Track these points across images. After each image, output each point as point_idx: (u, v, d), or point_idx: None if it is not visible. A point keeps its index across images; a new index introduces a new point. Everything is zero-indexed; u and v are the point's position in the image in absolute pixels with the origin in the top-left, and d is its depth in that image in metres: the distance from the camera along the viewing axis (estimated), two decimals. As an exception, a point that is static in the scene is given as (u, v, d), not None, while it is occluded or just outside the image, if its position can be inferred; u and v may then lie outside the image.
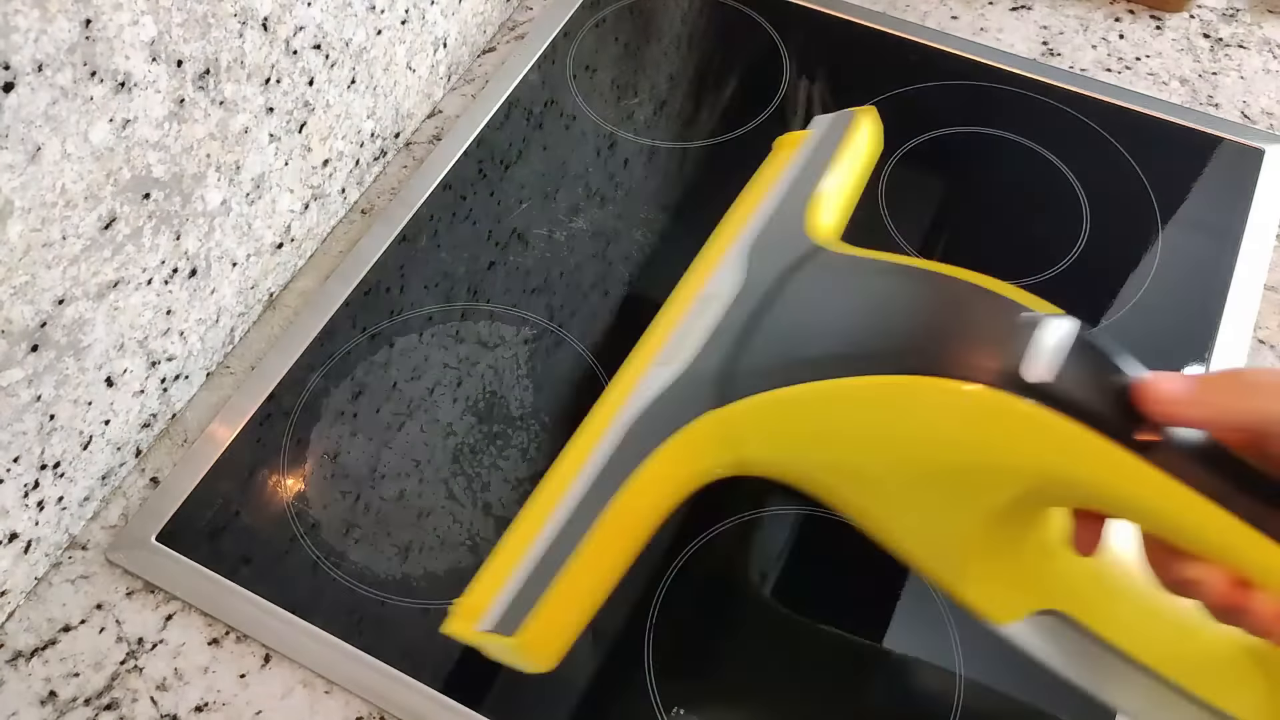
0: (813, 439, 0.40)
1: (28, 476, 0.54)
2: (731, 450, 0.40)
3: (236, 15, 0.56)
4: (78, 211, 0.51)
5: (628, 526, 0.40)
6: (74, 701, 0.54)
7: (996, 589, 0.41)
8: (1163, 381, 0.35)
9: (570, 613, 0.39)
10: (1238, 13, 0.84)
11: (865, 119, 0.50)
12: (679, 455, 0.40)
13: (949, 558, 0.40)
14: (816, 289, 0.41)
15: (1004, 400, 0.35)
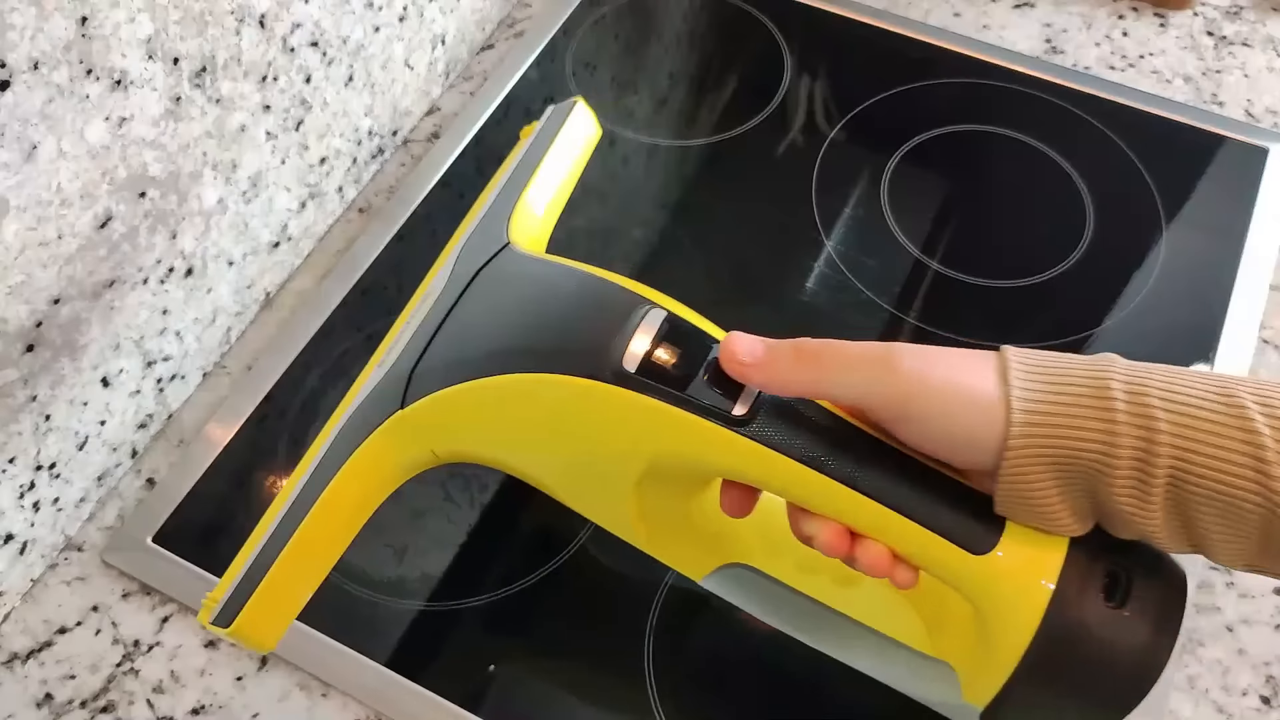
0: (479, 433, 0.44)
1: (23, 477, 0.54)
2: (419, 446, 0.44)
3: (233, 13, 0.56)
4: (74, 210, 0.51)
5: (330, 523, 0.44)
6: (70, 704, 0.54)
7: (684, 549, 0.46)
8: (739, 342, 0.38)
9: (279, 603, 0.43)
10: (1242, 10, 0.83)
11: (574, 113, 0.53)
12: (373, 455, 0.44)
13: (629, 525, 0.44)
14: (495, 291, 0.45)
15: (608, 391, 0.39)
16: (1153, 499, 0.34)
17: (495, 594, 0.57)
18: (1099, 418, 0.34)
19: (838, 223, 0.72)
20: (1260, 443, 0.32)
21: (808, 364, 0.38)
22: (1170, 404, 0.33)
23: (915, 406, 0.36)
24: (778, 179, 0.74)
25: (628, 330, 0.40)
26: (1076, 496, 0.35)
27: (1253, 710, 0.54)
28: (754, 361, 0.38)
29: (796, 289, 0.68)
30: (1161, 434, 0.33)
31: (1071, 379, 0.35)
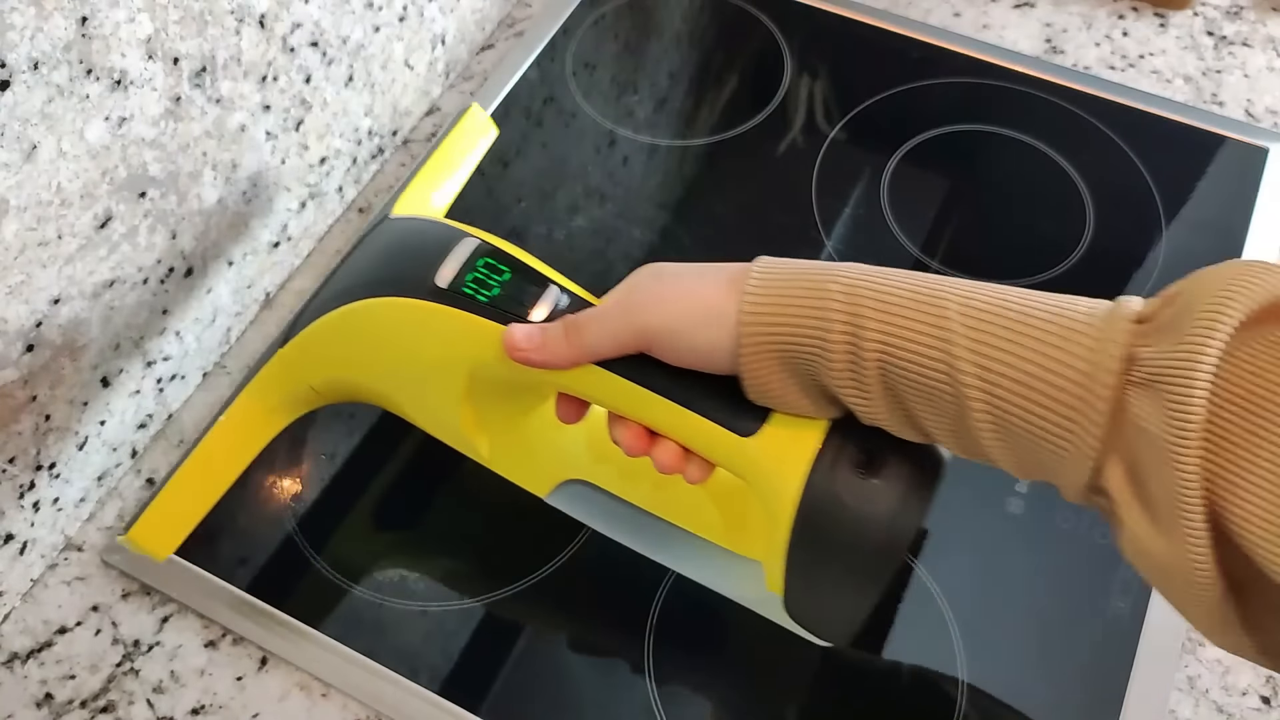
0: (337, 360, 0.51)
1: (23, 478, 0.54)
2: (296, 380, 0.52)
3: (233, 12, 0.56)
4: (73, 210, 0.51)
5: (220, 449, 0.52)
6: (70, 704, 0.54)
7: (526, 466, 0.52)
8: (516, 332, 0.44)
9: (174, 514, 0.51)
10: (1242, 10, 0.83)
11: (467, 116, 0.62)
12: (260, 389, 0.52)
13: (470, 440, 0.50)
14: (365, 248, 0.51)
15: (424, 306, 0.46)
16: (868, 387, 0.38)
17: (495, 594, 0.57)
18: (815, 315, 0.38)
19: (838, 222, 0.72)
20: (950, 337, 0.36)
21: (573, 341, 0.43)
22: (879, 301, 0.37)
23: (666, 342, 0.41)
24: (778, 179, 0.74)
25: (444, 255, 0.47)
26: (808, 386, 0.40)
27: (1253, 710, 0.54)
28: (532, 347, 0.44)
29: (796, 289, 0.68)
30: (869, 329, 0.37)
31: (799, 282, 0.39)
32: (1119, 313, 0.36)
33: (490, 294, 0.46)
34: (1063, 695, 0.54)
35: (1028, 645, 0.55)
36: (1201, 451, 0.33)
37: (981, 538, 0.58)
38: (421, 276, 0.47)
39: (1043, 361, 0.35)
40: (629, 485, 0.51)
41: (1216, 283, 0.35)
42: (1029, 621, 0.56)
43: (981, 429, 0.37)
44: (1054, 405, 0.35)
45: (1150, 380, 0.34)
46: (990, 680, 0.54)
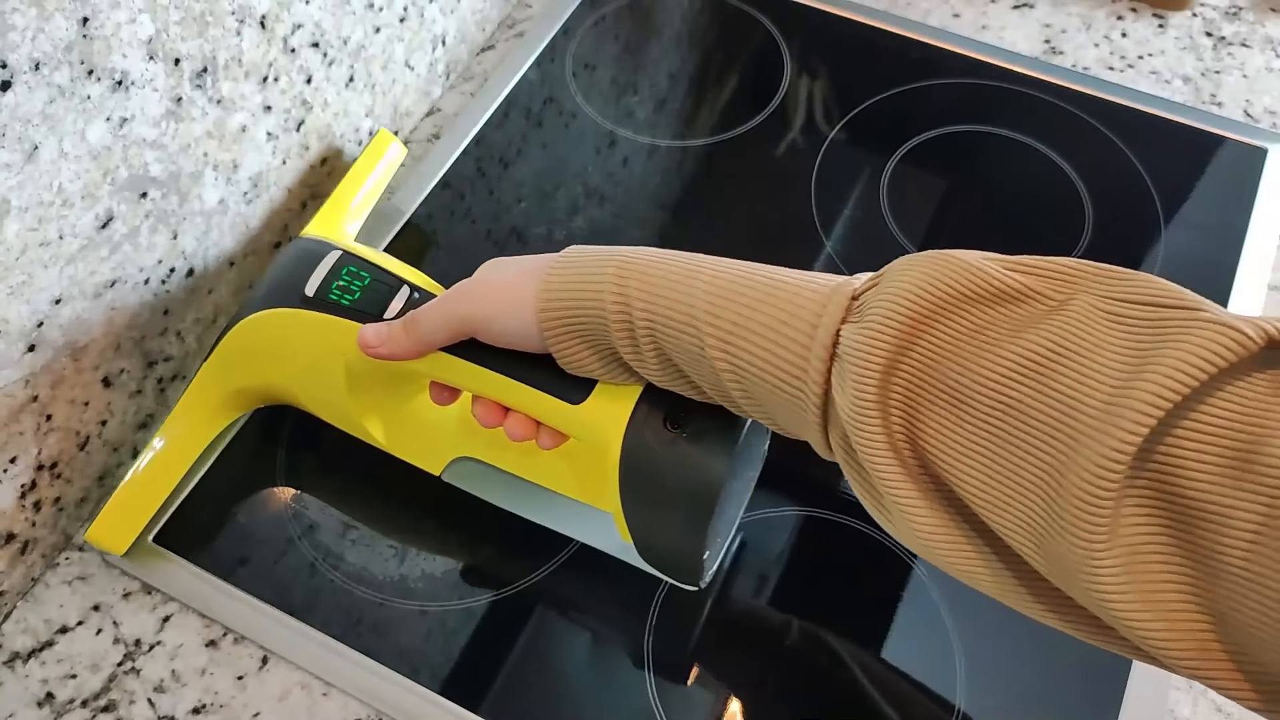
0: (249, 366, 0.57)
1: (25, 477, 0.54)
2: (222, 385, 0.58)
3: (234, 13, 0.56)
4: (75, 210, 0.51)
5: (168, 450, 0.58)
6: (71, 703, 0.54)
7: (418, 448, 0.57)
8: (365, 332, 0.50)
9: (125, 511, 0.57)
10: (1240, 11, 0.84)
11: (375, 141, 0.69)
12: (194, 397, 0.58)
13: (364, 428, 0.56)
14: (270, 267, 0.57)
15: (296, 314, 0.53)
16: (645, 354, 0.44)
17: (495, 594, 0.57)
18: (595, 295, 0.44)
19: (837, 223, 0.72)
20: (695, 310, 0.41)
21: (411, 333, 0.49)
22: (643, 279, 0.43)
23: (483, 330, 0.47)
24: (777, 179, 0.74)
25: (312, 268, 0.54)
26: (606, 357, 0.45)
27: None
28: (379, 343, 0.50)
29: (796, 289, 0.68)
30: (636, 304, 0.43)
31: (586, 267, 0.45)
32: (842, 290, 0.39)
33: (352, 298, 0.53)
34: (1062, 693, 0.54)
35: (1027, 645, 0.55)
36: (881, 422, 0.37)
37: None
38: (294, 288, 0.54)
39: (771, 335, 0.40)
40: (502, 456, 0.56)
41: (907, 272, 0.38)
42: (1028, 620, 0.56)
43: (732, 391, 0.42)
44: (782, 375, 0.40)
45: (842, 356, 0.38)
46: (989, 679, 0.54)
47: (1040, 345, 0.35)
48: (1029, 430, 0.35)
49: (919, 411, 0.37)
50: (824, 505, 0.55)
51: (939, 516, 0.37)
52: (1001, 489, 0.35)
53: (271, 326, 0.54)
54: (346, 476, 0.61)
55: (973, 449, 0.36)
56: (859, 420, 0.37)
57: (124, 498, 0.57)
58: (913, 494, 0.37)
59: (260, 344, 0.56)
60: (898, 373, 0.37)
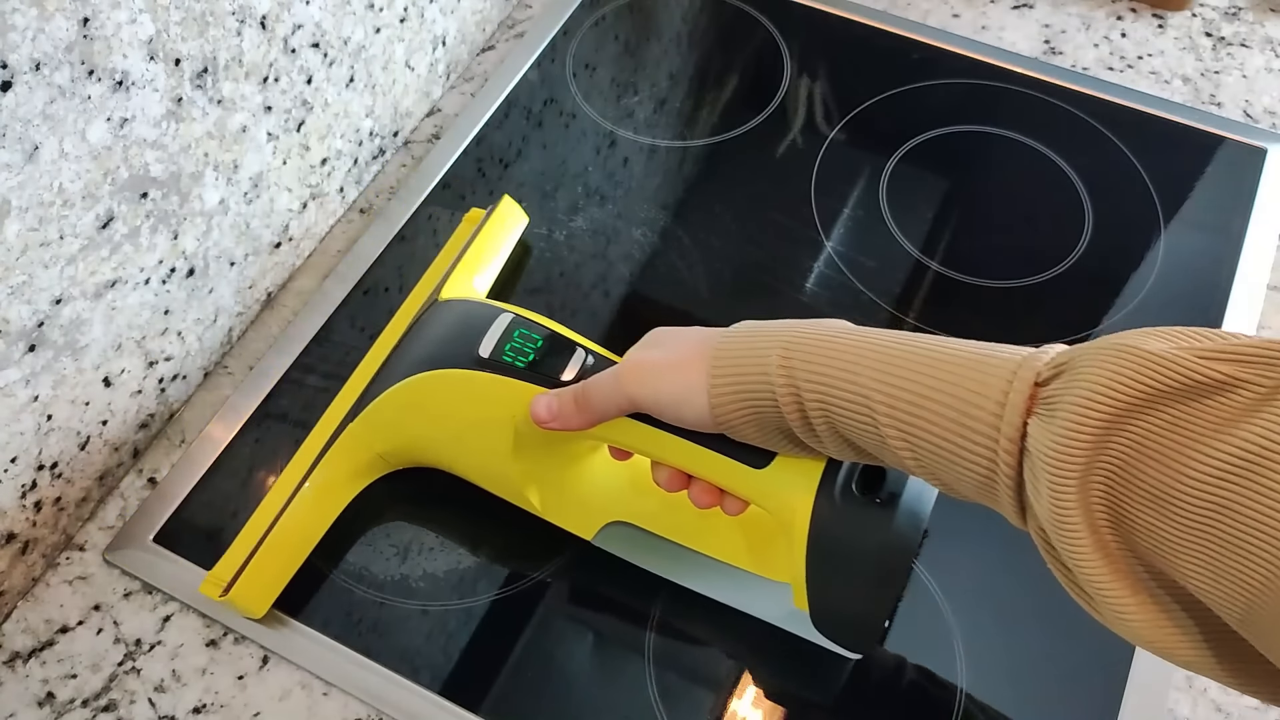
0: (402, 428, 0.57)
1: (25, 477, 0.54)
2: (367, 449, 0.57)
3: (235, 14, 0.56)
4: (75, 211, 0.51)
5: (305, 516, 0.56)
6: (72, 703, 0.54)
7: (573, 513, 0.56)
8: (537, 404, 0.50)
9: (267, 576, 0.55)
10: (1240, 11, 0.84)
11: (504, 205, 0.69)
12: (334, 461, 0.57)
13: (522, 493, 0.56)
14: (419, 329, 0.59)
15: (471, 375, 0.53)
16: (821, 434, 0.43)
17: (496, 594, 0.57)
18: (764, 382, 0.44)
19: (837, 223, 0.72)
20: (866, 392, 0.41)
21: (582, 408, 0.49)
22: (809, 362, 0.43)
23: (656, 410, 0.48)
24: (777, 179, 0.74)
25: (484, 329, 0.54)
26: (780, 434, 0.45)
27: (1251, 709, 0.54)
28: (550, 416, 0.50)
29: (796, 289, 0.68)
30: (806, 387, 0.43)
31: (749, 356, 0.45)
32: (1023, 375, 0.38)
33: (526, 360, 0.53)
34: (1062, 693, 0.54)
35: (1027, 644, 0.55)
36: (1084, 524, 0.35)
37: (982, 537, 0.58)
38: (467, 349, 0.54)
39: (951, 422, 0.39)
40: (662, 522, 0.56)
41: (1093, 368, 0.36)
42: (1029, 620, 0.56)
43: (911, 468, 0.41)
44: (967, 463, 0.39)
45: (1033, 454, 0.37)
46: (989, 678, 0.54)
47: (1253, 441, 0.32)
48: (1249, 532, 0.32)
49: (1123, 511, 0.35)
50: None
51: (1149, 609, 0.36)
52: (1225, 585, 0.33)
53: (442, 386, 0.54)
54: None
55: (1189, 548, 0.33)
56: (1060, 524, 0.36)
57: (264, 562, 0.55)
58: (1122, 591, 0.36)
59: (424, 404, 0.55)
60: (1095, 474, 0.35)
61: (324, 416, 0.60)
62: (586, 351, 0.53)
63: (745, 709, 0.54)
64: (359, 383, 0.59)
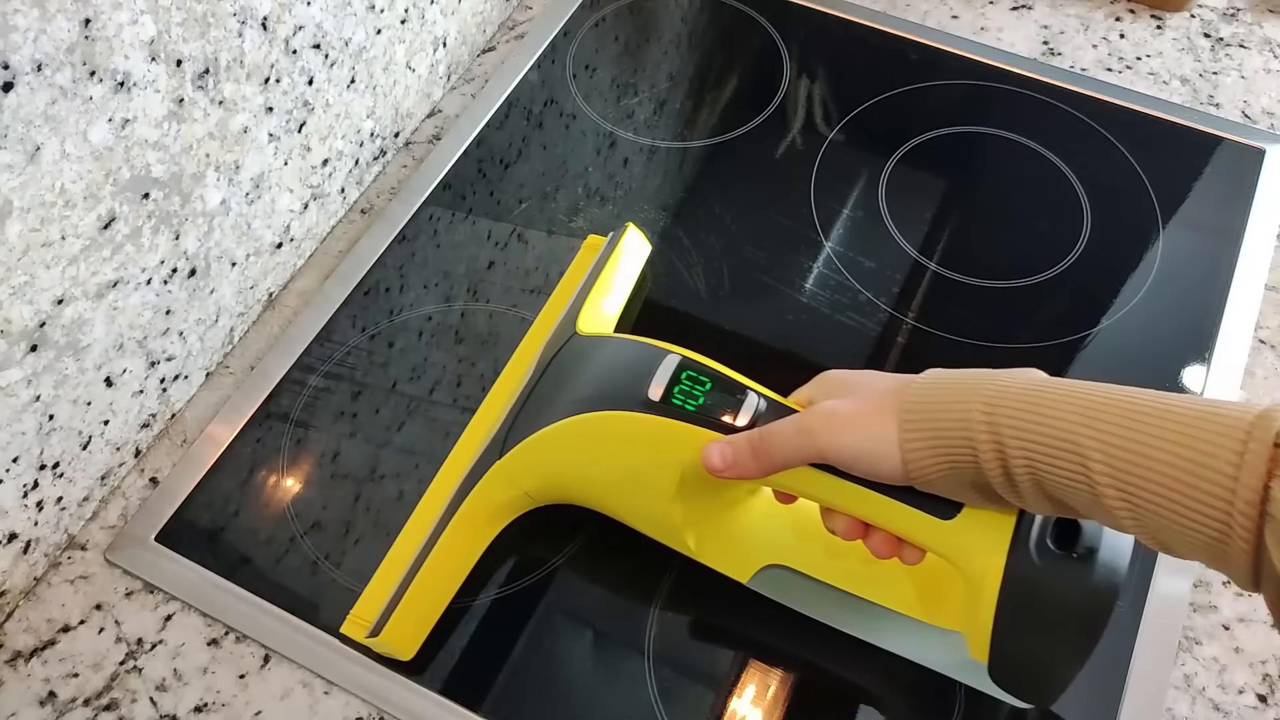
0: (555, 469, 0.55)
1: (27, 477, 0.54)
2: (515, 487, 0.56)
3: (236, 15, 0.56)
4: (77, 211, 0.51)
5: (452, 555, 0.55)
6: (73, 702, 0.54)
7: (730, 555, 0.55)
8: (710, 452, 0.49)
9: (416, 617, 0.54)
10: (1238, 12, 0.84)
11: (627, 236, 0.67)
12: (481, 499, 0.55)
13: (679, 535, 0.54)
14: (564, 365, 0.57)
15: (639, 418, 0.51)
16: (1024, 490, 0.42)
17: (497, 593, 0.57)
18: (965, 438, 0.43)
19: (836, 223, 0.72)
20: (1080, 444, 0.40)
21: (760, 457, 0.48)
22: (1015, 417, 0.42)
23: (843, 463, 0.46)
24: (777, 180, 0.74)
25: (652, 371, 0.52)
26: (976, 488, 0.44)
27: (1249, 709, 0.54)
28: (725, 465, 0.49)
29: (795, 289, 0.69)
30: (1011, 444, 0.41)
31: (946, 411, 0.44)
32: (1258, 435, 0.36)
33: (696, 403, 0.51)
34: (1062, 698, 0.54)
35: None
36: None
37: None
38: (634, 391, 0.52)
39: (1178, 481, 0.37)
40: (831, 568, 0.54)
41: None
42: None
43: (1126, 524, 0.40)
44: (1197, 526, 0.37)
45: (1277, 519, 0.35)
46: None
47: None
48: None
49: None
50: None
51: None
52: None
53: (608, 428, 0.53)
54: (347, 475, 0.61)
55: None
56: None
57: (413, 603, 0.53)
58: None
59: (586, 444, 0.54)
60: None
61: (457, 447, 0.60)
62: (758, 395, 0.51)
63: (745, 708, 0.54)
64: (491, 414, 0.58)
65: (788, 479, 0.49)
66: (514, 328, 0.67)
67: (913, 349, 0.66)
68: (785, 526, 0.56)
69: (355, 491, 0.61)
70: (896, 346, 0.66)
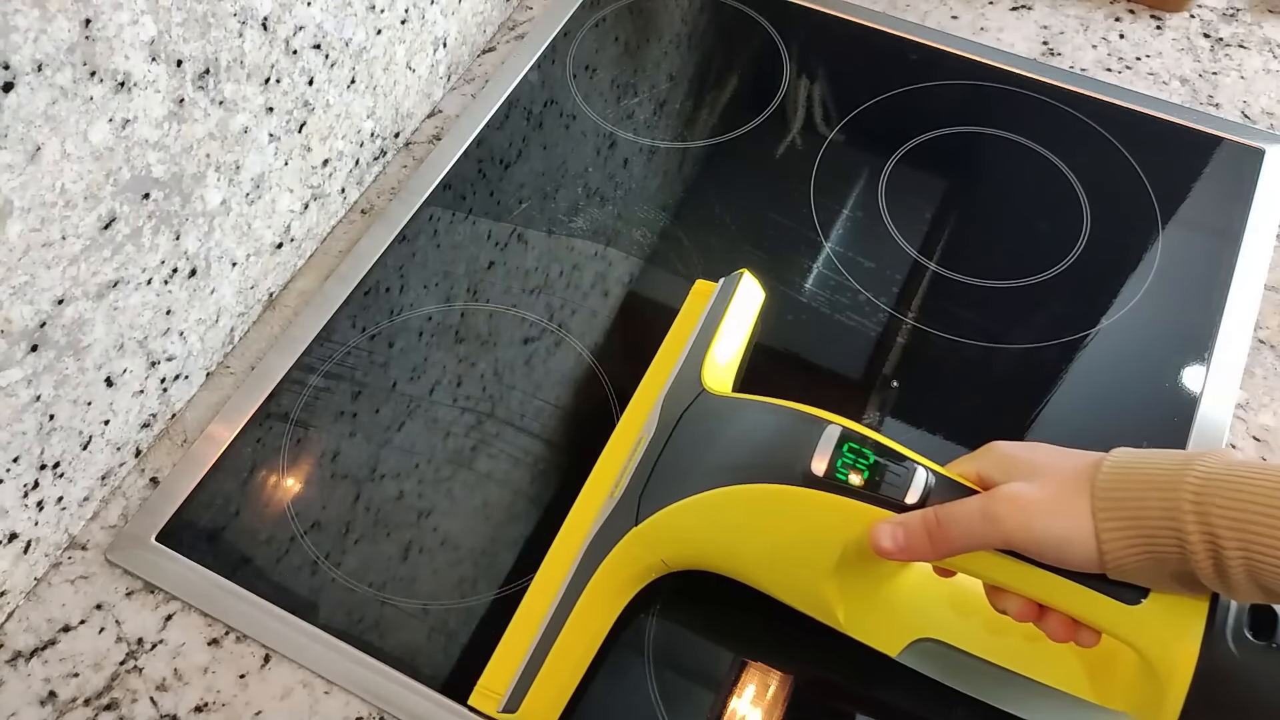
0: (700, 540, 0.53)
1: (27, 476, 0.54)
2: (652, 555, 0.53)
3: (236, 15, 0.56)
4: (77, 211, 0.51)
5: (588, 624, 0.53)
6: (73, 702, 0.54)
7: (879, 629, 0.53)
8: (880, 533, 0.47)
9: (554, 690, 0.52)
10: (1238, 12, 0.84)
11: (743, 282, 0.63)
12: (616, 566, 0.53)
13: (830, 609, 0.52)
14: (698, 427, 0.55)
15: (802, 493, 0.49)
16: (1236, 582, 0.40)
17: (497, 592, 0.57)
18: (1167, 519, 0.41)
19: (836, 224, 0.72)
20: None
21: (937, 541, 0.46)
22: (1231, 508, 0.40)
23: (1030, 551, 0.44)
24: (776, 180, 0.75)
25: (812, 443, 0.50)
26: (1170, 582, 0.43)
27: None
28: (897, 548, 0.46)
29: (795, 289, 0.69)
30: (1226, 536, 0.40)
31: (1148, 500, 0.42)
32: None
33: (861, 478, 0.49)
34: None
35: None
36: None
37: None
38: (792, 464, 0.50)
39: None
40: (991, 644, 0.52)
41: None
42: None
43: None
44: None
45: None
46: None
47: None
48: None
49: None
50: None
51: None
52: None
53: (765, 501, 0.50)
54: (347, 474, 0.62)
55: None
56: None
57: (549, 677, 0.51)
58: None
59: (738, 517, 0.52)
60: None
61: (578, 504, 0.57)
62: (926, 470, 0.49)
63: (745, 708, 0.54)
64: (611, 470, 0.56)
65: (961, 560, 0.47)
66: (514, 327, 0.67)
67: (912, 349, 0.66)
68: (941, 600, 0.54)
69: (355, 491, 0.61)
70: (896, 346, 0.66)
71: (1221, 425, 0.62)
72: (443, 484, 0.61)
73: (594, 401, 0.64)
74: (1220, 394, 0.63)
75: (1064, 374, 0.65)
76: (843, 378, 0.65)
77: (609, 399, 0.64)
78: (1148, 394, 0.64)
